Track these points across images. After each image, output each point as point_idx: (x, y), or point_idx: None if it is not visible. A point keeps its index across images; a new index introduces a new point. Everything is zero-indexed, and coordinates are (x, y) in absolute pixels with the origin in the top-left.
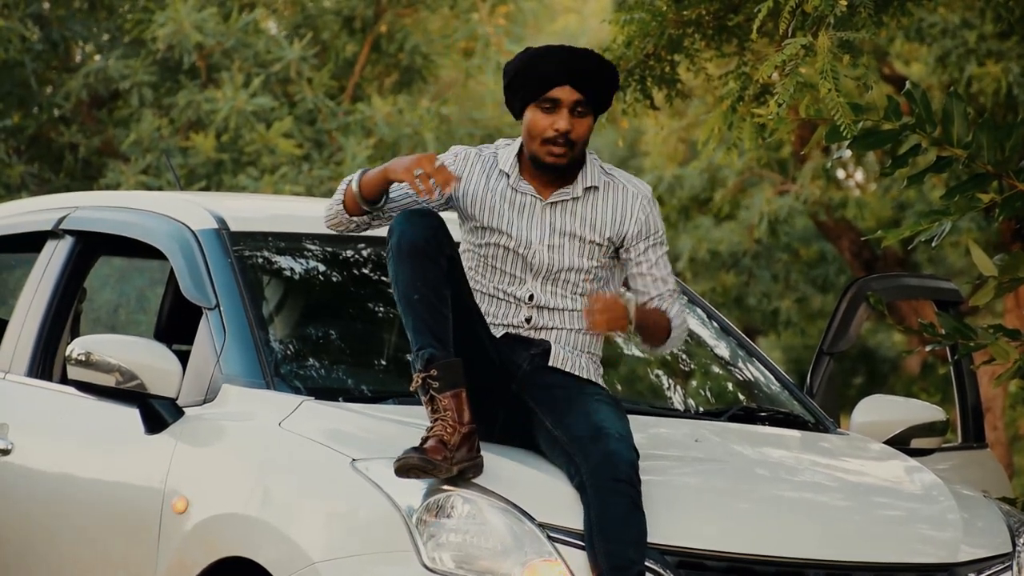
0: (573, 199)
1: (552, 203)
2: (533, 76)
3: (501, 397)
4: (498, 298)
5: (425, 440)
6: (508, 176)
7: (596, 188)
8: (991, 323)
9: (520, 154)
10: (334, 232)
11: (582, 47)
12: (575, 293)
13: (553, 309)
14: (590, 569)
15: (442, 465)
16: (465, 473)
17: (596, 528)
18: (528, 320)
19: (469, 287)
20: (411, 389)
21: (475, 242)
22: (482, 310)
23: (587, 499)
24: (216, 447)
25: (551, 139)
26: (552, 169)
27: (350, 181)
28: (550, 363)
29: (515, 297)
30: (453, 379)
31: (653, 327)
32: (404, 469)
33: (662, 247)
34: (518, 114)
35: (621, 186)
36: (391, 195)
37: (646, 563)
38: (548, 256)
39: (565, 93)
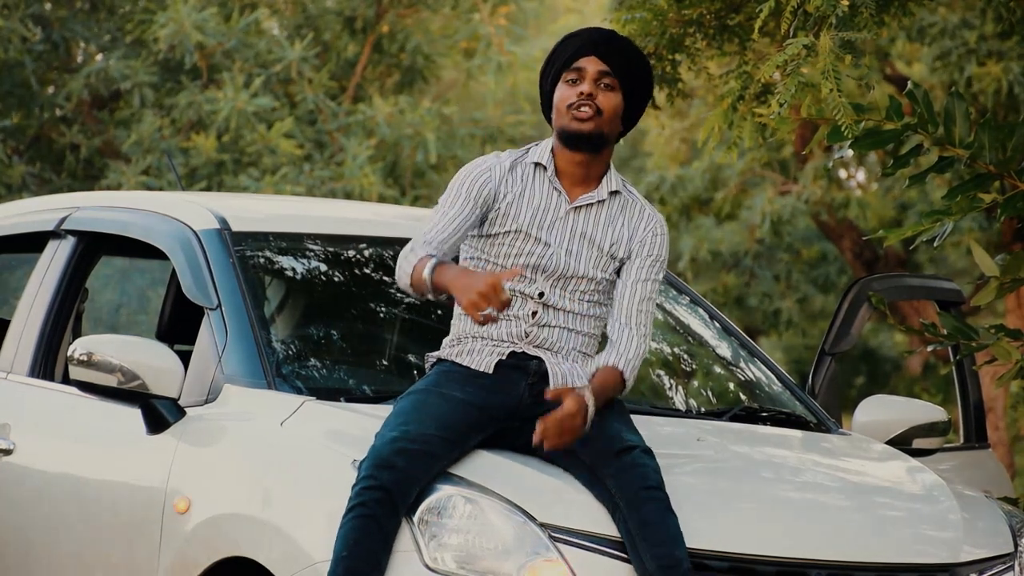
0: (599, 202)
1: (577, 207)
2: (561, 52)
3: (507, 434)
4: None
5: None
6: (545, 168)
7: (619, 194)
8: (993, 323)
9: (553, 152)
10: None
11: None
12: (582, 300)
13: (559, 309)
14: None
15: None
16: None
17: (638, 536)
18: (534, 315)
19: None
20: None
21: (490, 234)
22: (475, 332)
23: (621, 514)
24: (218, 447)
25: (575, 103)
26: (579, 139)
27: (422, 270)
28: (551, 386)
29: (524, 293)
30: None
31: (612, 392)
32: None
33: (656, 272)
34: (549, 104)
35: (639, 205)
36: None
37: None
38: (564, 260)
39: (589, 63)
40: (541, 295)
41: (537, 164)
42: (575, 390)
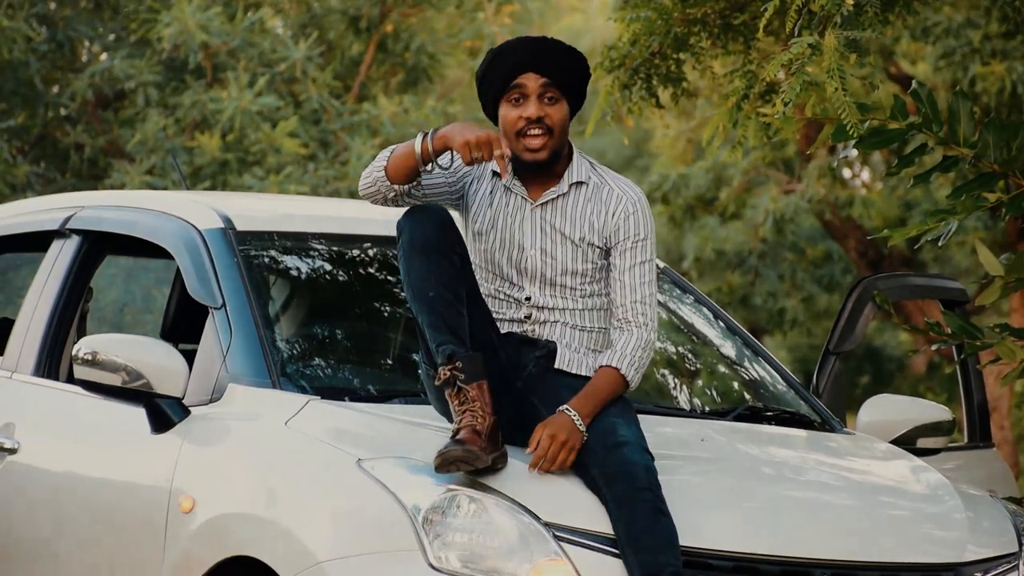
0: (561, 196)
1: (542, 204)
2: (498, 69)
3: (507, 393)
4: (499, 298)
5: (457, 432)
6: (499, 176)
7: (583, 184)
8: (997, 322)
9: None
10: (368, 201)
11: (543, 36)
12: (574, 296)
13: (553, 308)
14: None
15: (481, 455)
16: (496, 463)
17: (624, 540)
18: (528, 317)
19: (477, 286)
20: (436, 384)
21: (475, 246)
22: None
23: (610, 511)
24: (222, 446)
25: (523, 129)
26: (533, 167)
27: (412, 143)
28: (556, 365)
29: (513, 298)
30: (476, 371)
31: (609, 394)
32: (447, 462)
33: (640, 253)
34: (494, 117)
35: (608, 188)
36: (424, 181)
37: None
38: (541, 260)
39: (530, 79)
40: (528, 299)
41: (495, 173)
42: (555, 417)
